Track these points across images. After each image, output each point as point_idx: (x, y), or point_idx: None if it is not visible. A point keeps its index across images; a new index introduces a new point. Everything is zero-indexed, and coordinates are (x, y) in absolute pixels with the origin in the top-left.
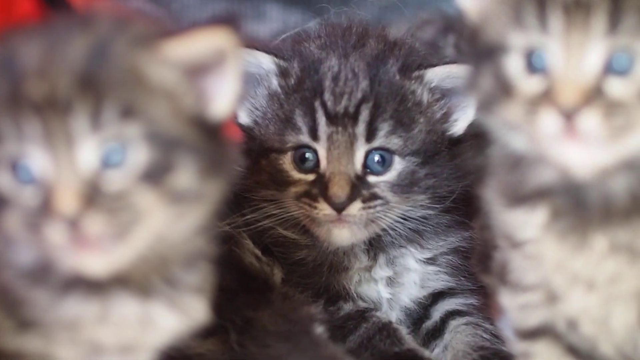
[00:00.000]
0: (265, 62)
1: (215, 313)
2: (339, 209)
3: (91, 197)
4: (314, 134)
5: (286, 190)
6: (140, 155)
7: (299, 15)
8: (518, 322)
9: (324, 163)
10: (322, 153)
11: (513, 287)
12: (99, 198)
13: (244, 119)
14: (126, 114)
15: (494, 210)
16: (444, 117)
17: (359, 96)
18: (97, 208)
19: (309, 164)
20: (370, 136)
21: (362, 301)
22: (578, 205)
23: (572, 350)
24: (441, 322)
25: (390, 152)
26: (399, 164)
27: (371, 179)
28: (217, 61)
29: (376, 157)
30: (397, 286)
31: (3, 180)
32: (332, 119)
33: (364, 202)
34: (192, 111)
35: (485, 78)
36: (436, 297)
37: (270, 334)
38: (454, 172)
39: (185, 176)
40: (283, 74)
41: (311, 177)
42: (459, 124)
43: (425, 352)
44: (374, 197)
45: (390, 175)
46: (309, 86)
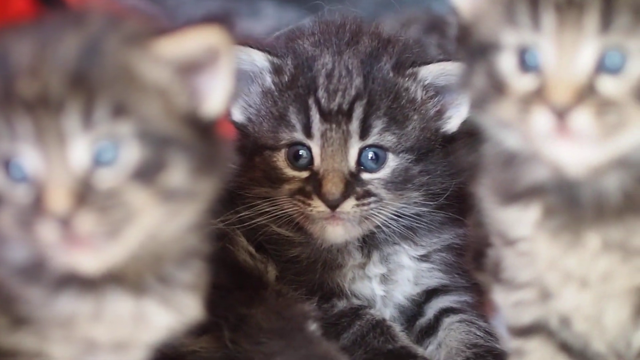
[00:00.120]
0: (258, 60)
1: (209, 310)
2: (332, 206)
3: (83, 195)
4: (307, 131)
5: (280, 188)
6: (133, 154)
7: (293, 12)
8: (511, 319)
9: (317, 160)
10: (316, 150)
11: (506, 285)
12: (90, 196)
13: (237, 116)
14: (118, 112)
15: (487, 208)
16: (438, 115)
17: (353, 93)
18: (89, 206)
19: (303, 161)
20: (364, 133)
21: (356, 298)
22: (571, 203)
23: (565, 347)
24: (435, 319)
25: (384, 149)
26: (392, 161)
27: (365, 176)
28: (210, 59)
29: (370, 154)
30: (390, 283)
31: None
32: (326, 116)
33: (357, 199)
34: (184, 109)
35: (479, 76)
36: (430, 294)
37: (264, 331)
38: (447, 169)
39: (177, 174)
40: (277, 71)
41: (305, 174)
42: (452, 122)
43: (419, 350)
44: (368, 194)
45: (384, 173)
46: (303, 83)
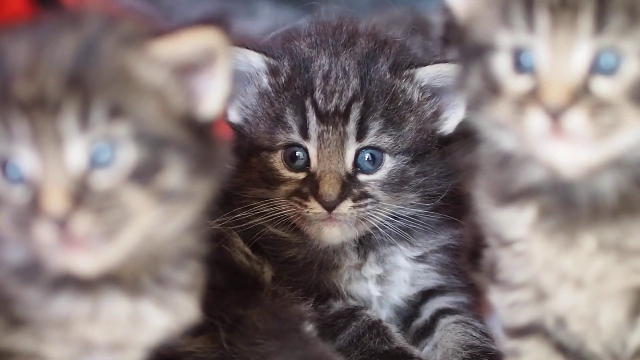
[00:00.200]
0: (255, 61)
1: (205, 311)
2: (329, 207)
3: (79, 196)
4: (304, 132)
5: (277, 189)
6: (129, 155)
7: (290, 12)
8: (507, 320)
9: (314, 162)
10: (313, 152)
11: (502, 286)
12: (87, 198)
13: (234, 117)
14: (114, 113)
15: (483, 209)
16: (435, 116)
17: (350, 95)
18: (86, 208)
19: (300, 162)
20: (360, 135)
21: (352, 299)
22: (566, 204)
23: (560, 348)
24: (431, 320)
25: (381, 150)
26: (389, 163)
27: (362, 177)
28: (207, 61)
29: (367, 156)
30: (387, 284)
31: None
32: (323, 117)
33: (354, 200)
34: (181, 111)
35: (474, 77)
36: (426, 295)
37: (260, 332)
38: (444, 170)
39: (174, 176)
40: (273, 72)
41: (302, 175)
42: (449, 123)
43: (415, 351)
44: (365, 195)
45: (381, 174)
46: (300, 85)
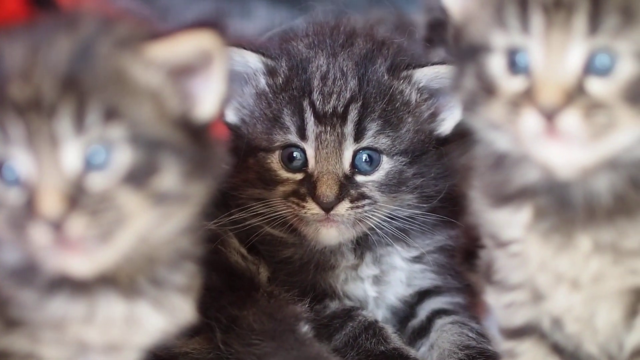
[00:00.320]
0: (252, 61)
1: (201, 312)
2: (327, 208)
3: (75, 199)
4: (302, 133)
5: (274, 190)
6: (124, 157)
7: (285, 12)
8: (504, 321)
9: (312, 162)
10: (310, 152)
11: (498, 286)
12: (82, 200)
13: (231, 117)
14: (110, 116)
15: (479, 210)
16: (432, 117)
17: (348, 96)
18: (81, 210)
19: (297, 163)
20: (358, 136)
21: (349, 300)
22: (562, 205)
23: (557, 349)
24: (427, 320)
25: (379, 151)
26: (387, 164)
27: (359, 178)
28: (203, 63)
29: (364, 157)
30: (383, 284)
31: None
32: (321, 118)
33: (352, 201)
34: (177, 113)
35: (469, 78)
36: (422, 295)
37: (256, 333)
38: (441, 171)
39: (169, 178)
40: (271, 73)
41: (299, 176)
42: (446, 124)
43: (411, 351)
44: (362, 196)
45: (378, 175)
46: (297, 85)
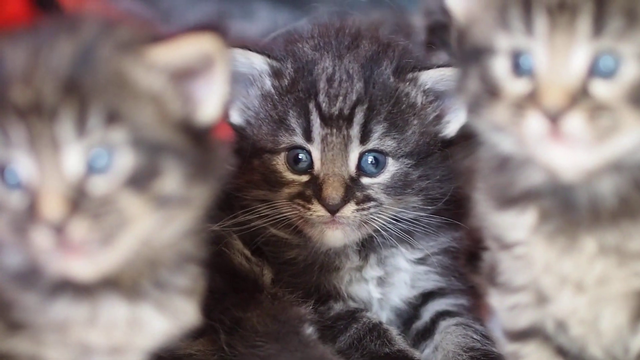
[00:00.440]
0: (257, 63)
1: (205, 314)
2: (332, 210)
3: (77, 202)
4: (308, 135)
5: (279, 191)
6: (126, 161)
7: (288, 14)
8: (507, 323)
9: (317, 164)
10: (316, 154)
11: (502, 289)
12: (84, 203)
13: (235, 118)
14: (112, 119)
15: (483, 212)
16: (437, 119)
17: (354, 98)
18: (83, 213)
19: (303, 165)
20: (364, 138)
21: (353, 301)
22: (566, 207)
23: (561, 352)
24: (431, 322)
25: (384, 154)
26: (392, 166)
27: (365, 180)
28: (205, 66)
29: (370, 159)
30: (387, 286)
31: None
32: (327, 120)
33: (357, 204)
34: (178, 116)
35: (473, 80)
36: (426, 297)
37: (260, 335)
38: (446, 173)
39: (171, 181)
40: (276, 74)
41: (305, 178)
42: (451, 126)
43: (416, 353)
44: (368, 199)
45: (384, 177)
46: (303, 87)
